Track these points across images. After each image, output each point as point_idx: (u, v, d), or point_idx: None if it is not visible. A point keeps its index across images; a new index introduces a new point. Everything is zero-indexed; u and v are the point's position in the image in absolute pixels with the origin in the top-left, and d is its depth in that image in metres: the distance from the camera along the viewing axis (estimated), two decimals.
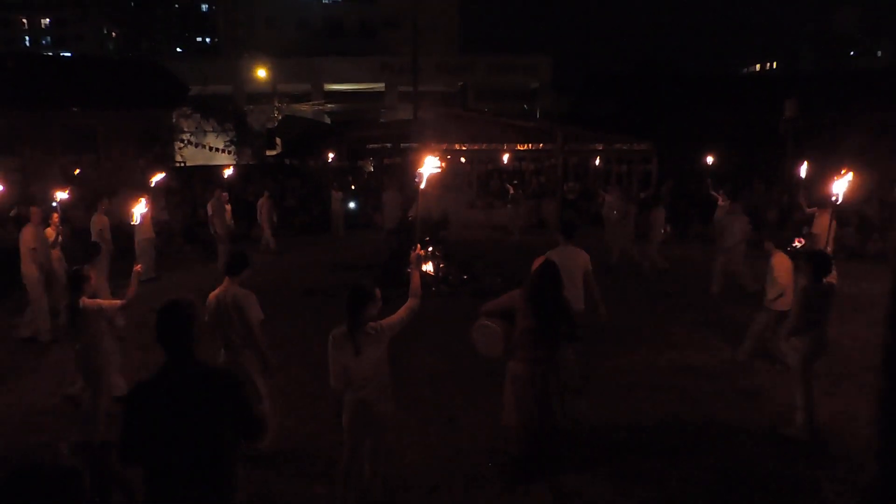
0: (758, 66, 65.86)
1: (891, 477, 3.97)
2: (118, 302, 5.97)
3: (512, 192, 19.17)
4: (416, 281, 4.56)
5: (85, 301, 5.51)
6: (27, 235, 8.93)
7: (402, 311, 4.36)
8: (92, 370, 5.57)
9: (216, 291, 5.35)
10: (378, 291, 4.22)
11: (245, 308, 5.20)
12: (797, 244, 14.11)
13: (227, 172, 17.14)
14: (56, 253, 9.92)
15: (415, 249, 4.64)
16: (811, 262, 5.75)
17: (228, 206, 15.34)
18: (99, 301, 5.72)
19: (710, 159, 15.08)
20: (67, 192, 9.56)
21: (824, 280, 5.70)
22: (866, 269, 12.93)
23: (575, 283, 6.42)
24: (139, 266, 6.02)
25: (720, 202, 14.17)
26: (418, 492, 4.93)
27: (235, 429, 2.87)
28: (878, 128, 17.17)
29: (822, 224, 11.01)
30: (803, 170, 12.03)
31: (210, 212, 13.58)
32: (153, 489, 2.76)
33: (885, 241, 14.50)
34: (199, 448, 2.73)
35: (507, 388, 5.08)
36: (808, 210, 12.09)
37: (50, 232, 9.74)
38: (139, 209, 6.45)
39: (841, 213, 12.64)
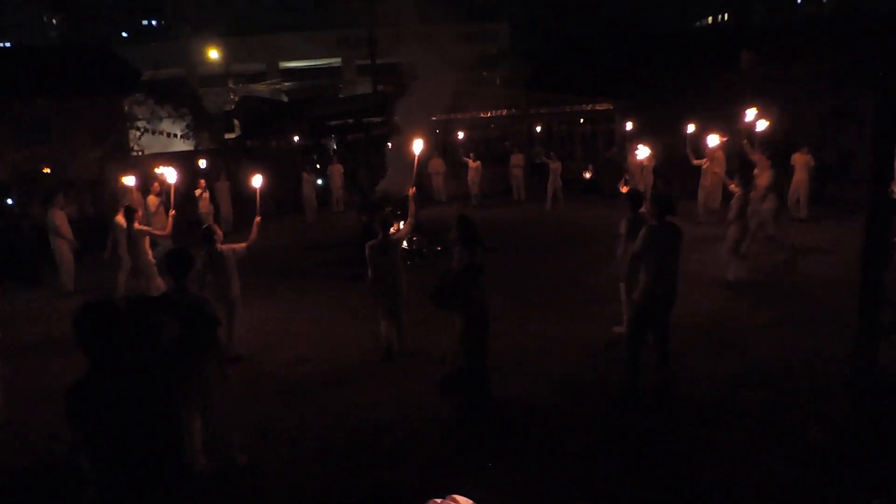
0: (710, 20, 66.10)
1: (859, 401, 4.20)
2: (242, 245, 7.29)
3: (472, 163, 19.02)
4: (412, 207, 7.57)
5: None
6: None
7: (406, 226, 7.59)
8: None
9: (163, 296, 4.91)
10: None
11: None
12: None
13: (202, 162, 16.64)
14: None
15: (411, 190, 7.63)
16: (656, 205, 5.80)
17: (206, 195, 15.19)
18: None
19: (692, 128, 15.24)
20: None
21: (666, 219, 5.74)
22: (824, 213, 13.37)
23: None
24: (259, 218, 7.65)
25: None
26: (401, 436, 5.23)
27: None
28: (826, 75, 17.46)
29: (764, 175, 11.09)
30: (690, 127, 12.57)
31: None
32: (107, 480, 2.78)
33: (842, 187, 14.91)
34: (143, 440, 2.76)
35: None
36: (695, 162, 12.69)
37: None
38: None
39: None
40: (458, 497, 2.80)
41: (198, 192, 15.21)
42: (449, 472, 4.82)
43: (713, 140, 11.07)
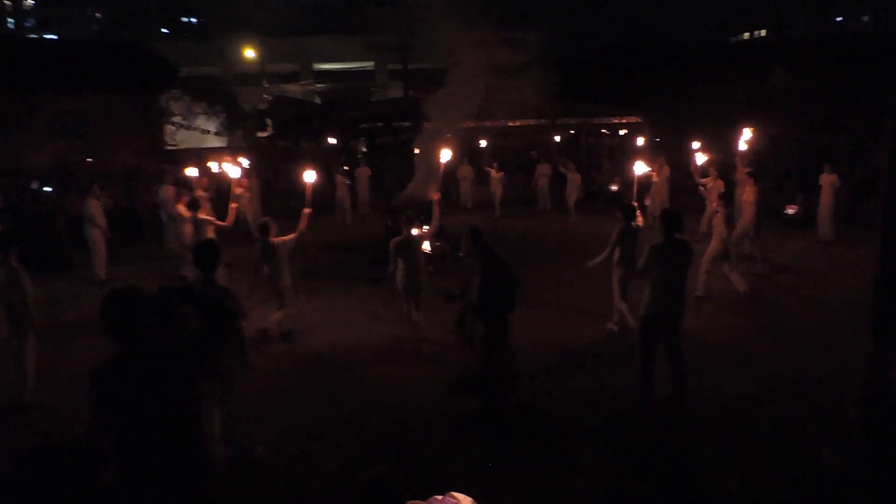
0: (746, 35, 65.34)
1: (871, 422, 4.21)
2: (291, 236, 7.77)
3: (494, 174, 18.93)
4: (436, 211, 8.08)
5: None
6: None
7: (430, 228, 8.06)
8: None
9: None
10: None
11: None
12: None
13: (245, 161, 16.42)
14: None
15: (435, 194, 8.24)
16: (663, 221, 5.85)
17: (248, 194, 15.05)
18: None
19: (696, 145, 15.15)
20: None
21: (675, 236, 5.77)
22: (853, 233, 13.21)
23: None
24: (307, 210, 7.88)
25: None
26: (409, 436, 5.39)
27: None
28: (863, 93, 17.23)
29: (748, 193, 10.93)
30: (695, 144, 12.46)
31: (163, 195, 13.33)
32: (126, 463, 2.88)
33: (874, 206, 14.68)
34: (164, 425, 2.86)
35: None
36: (699, 181, 12.55)
37: None
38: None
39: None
40: (457, 494, 2.89)
41: (240, 190, 15.06)
42: (452, 472, 4.91)
43: (701, 158, 11.10)
